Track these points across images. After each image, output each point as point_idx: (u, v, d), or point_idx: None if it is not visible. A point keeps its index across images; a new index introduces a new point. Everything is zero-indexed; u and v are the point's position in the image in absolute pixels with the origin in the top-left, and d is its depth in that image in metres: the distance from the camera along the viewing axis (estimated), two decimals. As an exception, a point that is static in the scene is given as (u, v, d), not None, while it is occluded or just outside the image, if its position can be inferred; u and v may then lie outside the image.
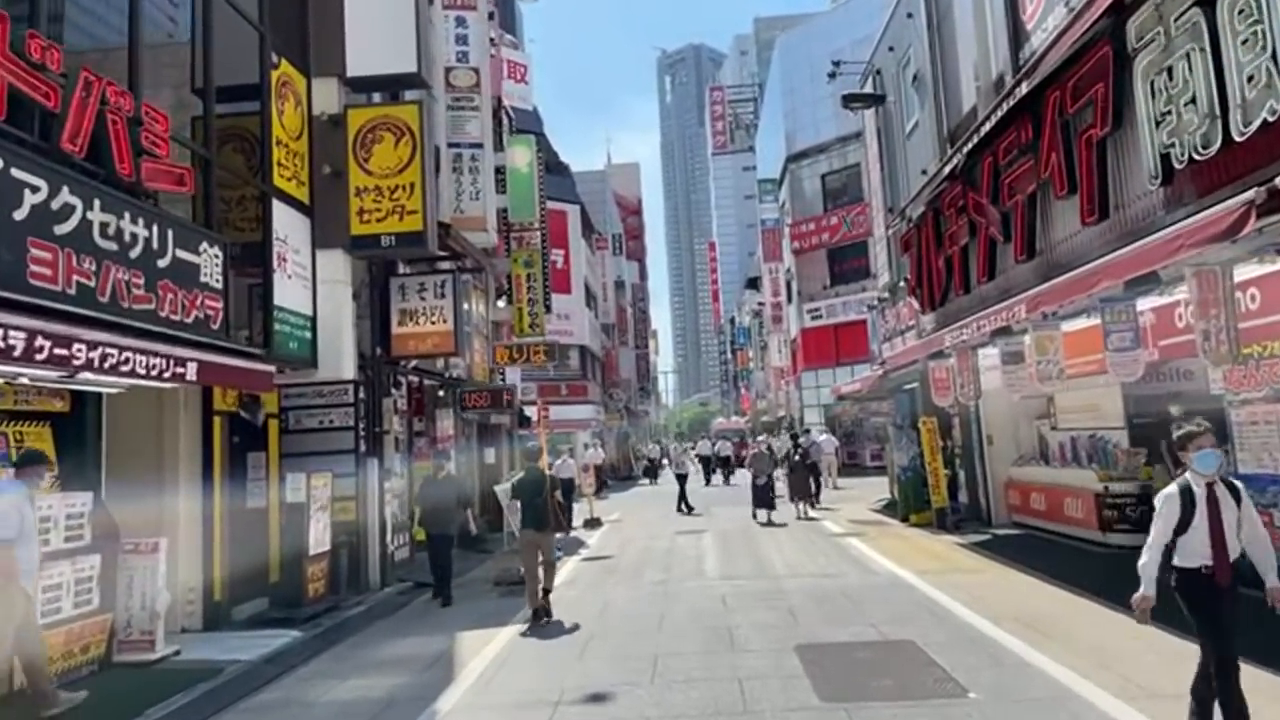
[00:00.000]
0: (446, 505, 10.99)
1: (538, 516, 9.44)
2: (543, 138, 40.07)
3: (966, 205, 11.79)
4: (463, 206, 15.07)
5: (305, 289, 10.52)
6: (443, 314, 12.02)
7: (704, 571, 11.54)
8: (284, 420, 11.38)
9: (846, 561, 11.72)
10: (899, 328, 17.81)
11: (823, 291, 35.25)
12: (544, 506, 9.46)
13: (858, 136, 34.66)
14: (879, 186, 19.43)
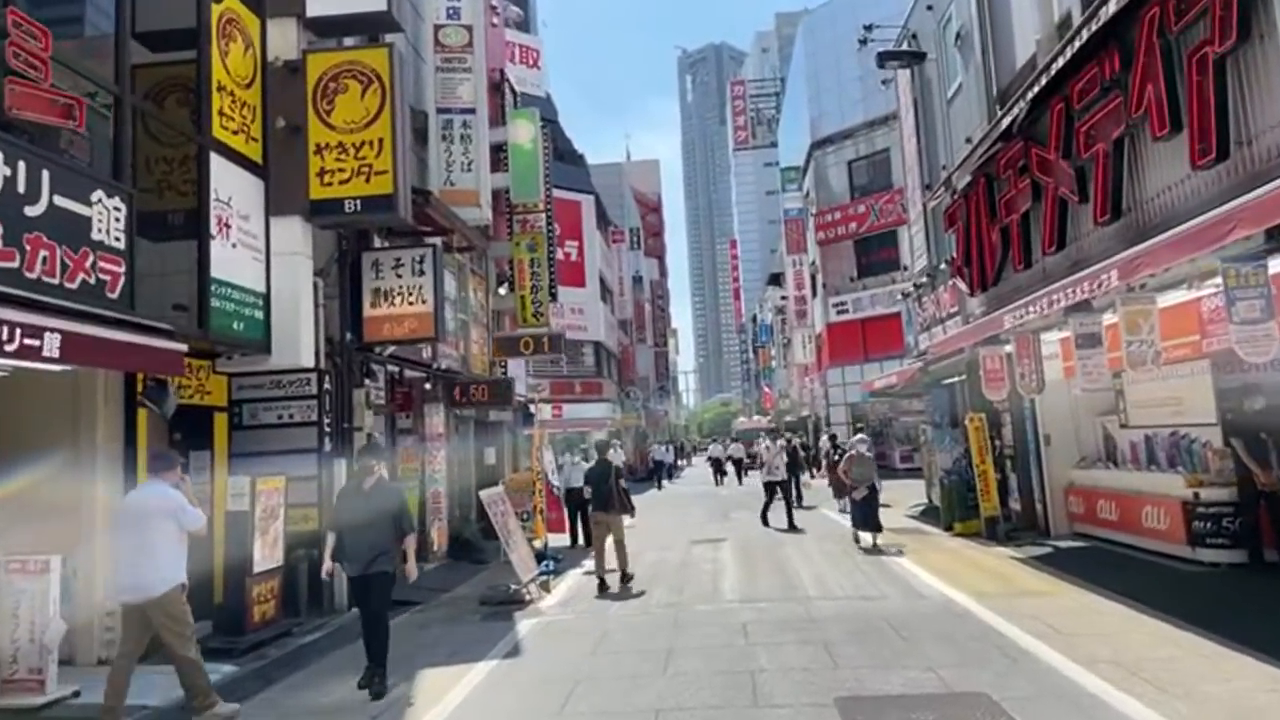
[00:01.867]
0: (376, 529, 6.69)
1: (605, 500, 10.86)
2: (556, 126, 38.65)
3: (1029, 165, 10.10)
4: (453, 178, 13.58)
5: (256, 261, 9.02)
6: (421, 294, 10.49)
7: (721, 591, 9.93)
8: (235, 414, 9.92)
9: (887, 580, 10.06)
10: (939, 315, 16.10)
11: (849, 284, 33.49)
12: (610, 492, 10.85)
13: (886, 121, 32.97)
14: (915, 162, 17.72)
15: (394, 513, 6.86)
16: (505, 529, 10.21)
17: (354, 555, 6.78)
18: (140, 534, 5.92)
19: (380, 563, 6.78)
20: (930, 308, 16.84)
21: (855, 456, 13.01)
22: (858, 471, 12.84)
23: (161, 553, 5.93)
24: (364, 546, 6.72)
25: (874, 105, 33.24)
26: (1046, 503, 12.79)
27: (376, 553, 6.74)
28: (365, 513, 6.79)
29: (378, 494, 6.95)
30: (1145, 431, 11.44)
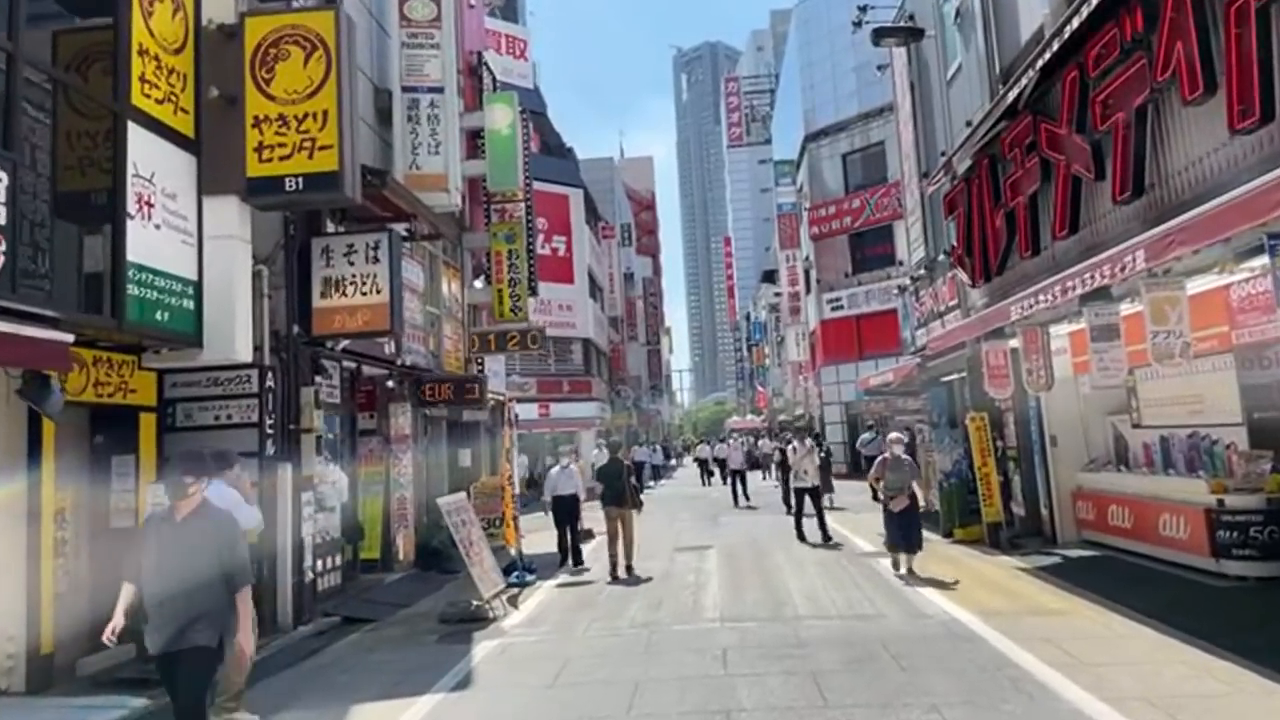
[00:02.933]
0: (194, 582, 4.54)
1: (618, 495, 11.63)
2: (545, 118, 37.74)
3: (1037, 141, 9.26)
4: (419, 162, 12.72)
5: (186, 246, 8.14)
6: (376, 283, 9.61)
7: (702, 608, 9.06)
8: (167, 415, 9.04)
9: (884, 594, 9.21)
10: (937, 309, 15.27)
11: (844, 280, 32.66)
12: (623, 488, 11.66)
13: (881, 113, 32.13)
14: (912, 149, 16.89)
15: (221, 558, 4.62)
16: (466, 540, 9.34)
17: (158, 620, 4.54)
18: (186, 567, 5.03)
19: (195, 632, 4.51)
20: (928, 302, 16.00)
21: (890, 460, 10.42)
22: (893, 478, 10.29)
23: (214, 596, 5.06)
24: (172, 608, 4.52)
25: (869, 97, 32.43)
26: (1053, 508, 11.96)
27: (191, 617, 4.51)
28: (177, 555, 4.57)
29: (197, 528, 4.66)
30: (1160, 432, 10.61)
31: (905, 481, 10.26)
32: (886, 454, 10.54)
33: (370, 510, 12.48)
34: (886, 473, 10.37)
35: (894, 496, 10.22)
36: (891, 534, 10.38)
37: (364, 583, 11.39)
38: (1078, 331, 10.46)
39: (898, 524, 10.24)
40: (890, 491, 10.28)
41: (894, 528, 10.30)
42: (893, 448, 10.55)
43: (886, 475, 10.35)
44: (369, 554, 12.33)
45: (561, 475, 12.65)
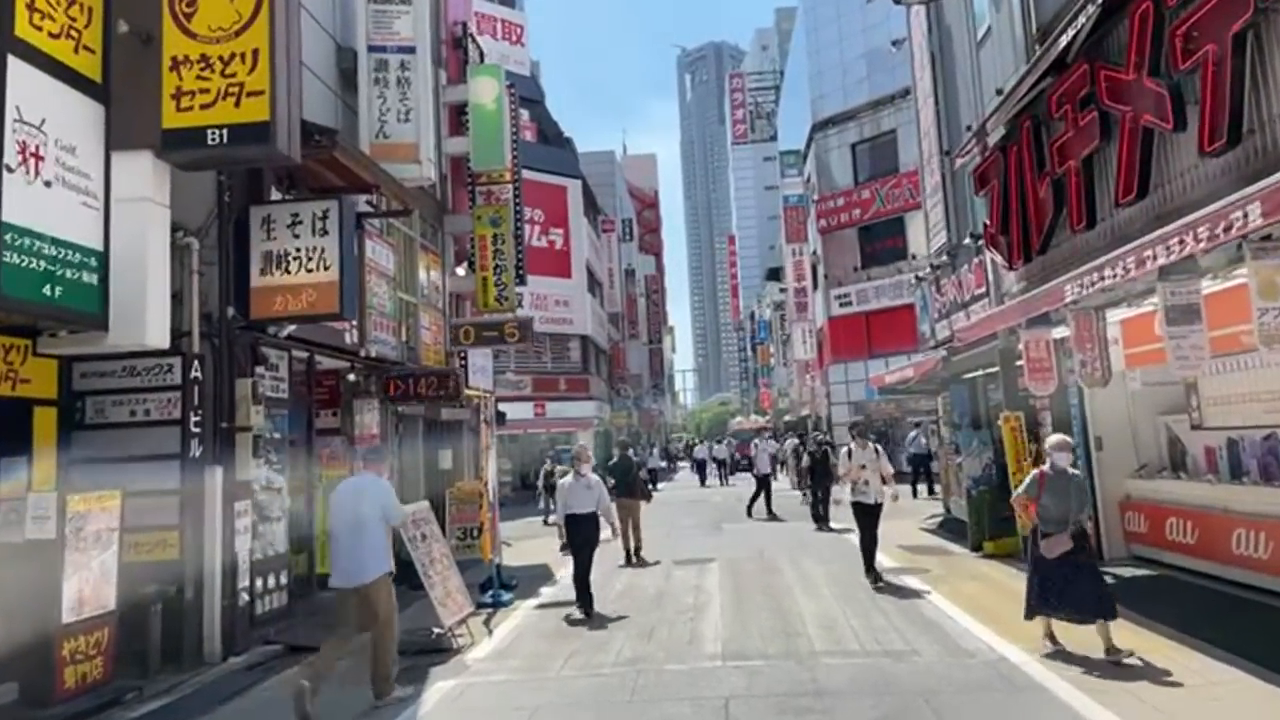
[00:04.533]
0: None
1: (630, 489, 12.93)
2: (543, 107, 36.48)
3: (1095, 93, 7.90)
4: (387, 130, 11.41)
5: (88, 209, 6.83)
6: (323, 258, 8.28)
7: (701, 638, 7.72)
8: (75, 409, 7.74)
9: (915, 624, 7.86)
10: (961, 299, 13.92)
11: (853, 275, 31.29)
12: (634, 481, 13.12)
13: (892, 100, 30.79)
14: (932, 125, 15.54)
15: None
16: (426, 557, 8.02)
17: None
18: (355, 523, 6.26)
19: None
20: (950, 291, 14.65)
21: (1048, 476, 6.77)
22: (1052, 505, 6.62)
23: (374, 541, 6.30)
24: None
25: (879, 84, 31.11)
26: (1098, 519, 10.58)
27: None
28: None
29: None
30: (1228, 434, 9.26)
31: (1068, 511, 6.59)
32: (1043, 469, 6.96)
33: (332, 519, 11.14)
34: (1045, 493, 6.73)
35: (1050, 534, 6.59)
36: (1048, 594, 6.59)
37: (319, 602, 10.04)
38: (1132, 318, 9.13)
39: (1064, 577, 6.52)
40: (1047, 523, 6.67)
41: (1056, 582, 6.53)
42: (1054, 457, 6.84)
43: (1045, 497, 6.71)
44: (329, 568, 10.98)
45: (576, 487, 9.38)
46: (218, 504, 7.87)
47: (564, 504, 9.39)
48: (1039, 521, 6.80)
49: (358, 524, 6.27)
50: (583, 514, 9.33)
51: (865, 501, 10.00)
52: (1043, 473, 6.94)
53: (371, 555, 6.27)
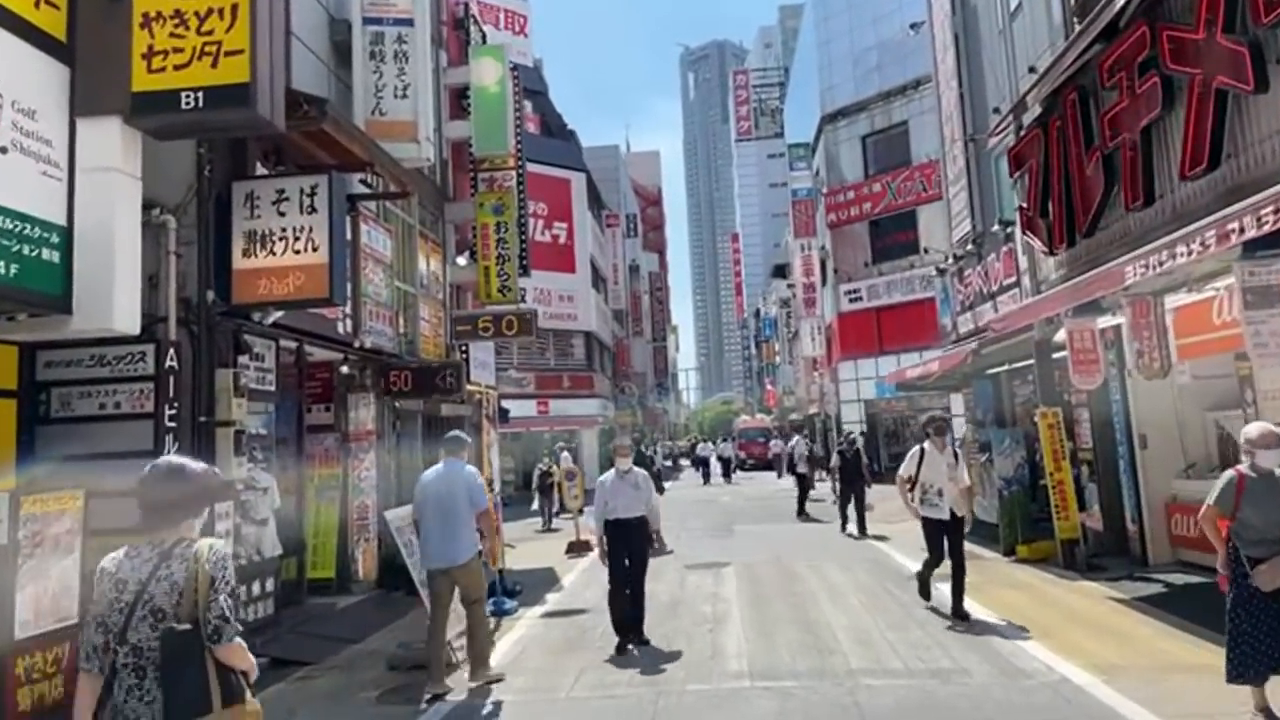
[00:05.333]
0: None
1: None
2: (545, 98, 35.79)
3: (1158, 56, 7.21)
4: (383, 107, 10.74)
5: (49, 179, 6.17)
6: (311, 238, 7.61)
7: (724, 654, 7.04)
8: (40, 402, 7.07)
9: (957, 638, 7.19)
10: (988, 290, 13.24)
11: (863, 270, 30.60)
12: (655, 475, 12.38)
13: (904, 91, 30.10)
14: (955, 109, 14.87)
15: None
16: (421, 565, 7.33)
17: None
18: (447, 507, 6.57)
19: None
20: (976, 282, 13.98)
21: (1247, 480, 4.88)
22: (1258, 514, 4.76)
23: (465, 524, 6.59)
24: None
25: (891, 75, 30.42)
26: (1142, 522, 9.92)
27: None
28: None
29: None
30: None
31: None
32: (1242, 468, 4.99)
33: (324, 520, 10.49)
34: (1242, 505, 4.80)
35: (1265, 559, 4.68)
36: (1258, 642, 4.74)
37: (310, 609, 9.40)
38: (1186, 306, 8.44)
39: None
40: (1255, 549, 4.74)
41: (1270, 625, 4.72)
42: (1257, 454, 4.90)
43: (1241, 511, 4.80)
44: (321, 573, 10.34)
45: (620, 486, 7.53)
46: (195, 505, 7.20)
47: (603, 506, 7.52)
48: (1238, 543, 4.84)
49: (447, 509, 6.57)
50: (629, 519, 7.41)
51: (939, 517, 7.91)
52: (1241, 475, 4.91)
53: (461, 539, 6.57)
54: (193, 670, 2.59)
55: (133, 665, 2.63)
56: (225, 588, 2.72)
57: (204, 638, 2.64)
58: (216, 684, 2.65)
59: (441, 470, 6.86)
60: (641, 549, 7.52)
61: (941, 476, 7.88)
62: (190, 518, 2.89)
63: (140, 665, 2.62)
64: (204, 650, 2.63)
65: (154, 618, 2.63)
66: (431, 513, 6.65)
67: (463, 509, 6.59)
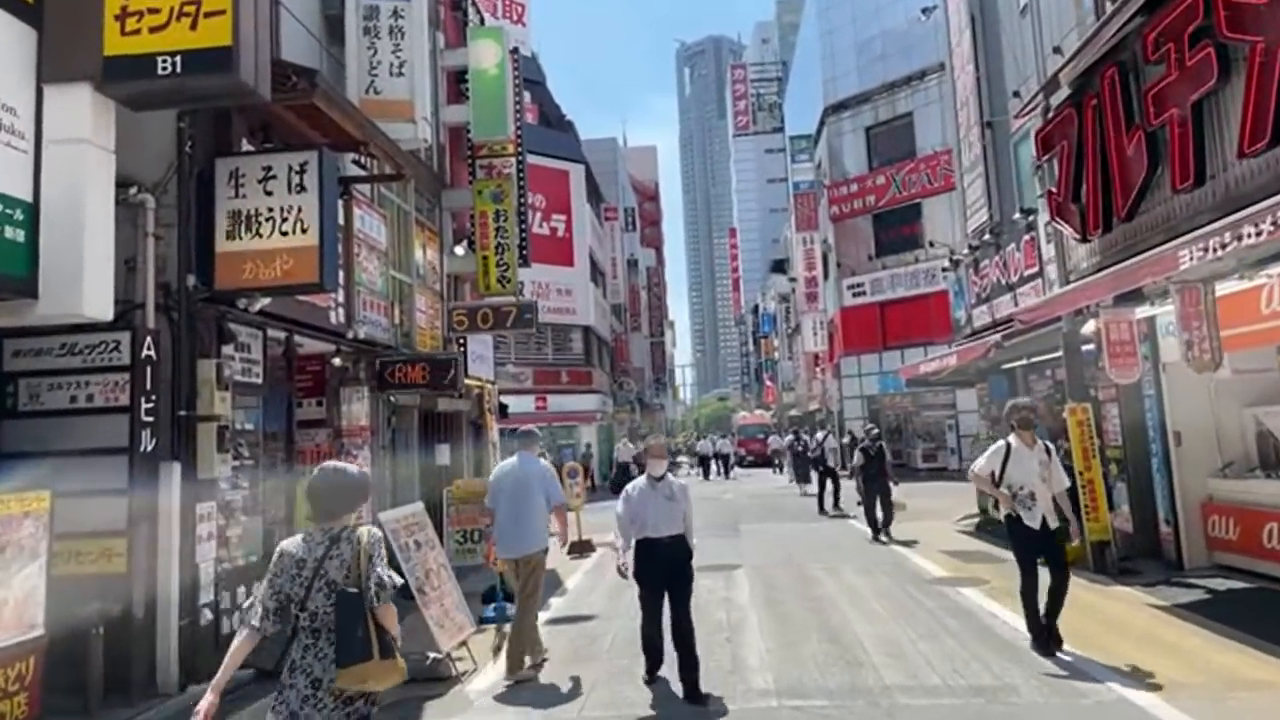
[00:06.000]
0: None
1: None
2: (544, 88, 35.21)
3: (1212, 25, 6.70)
4: (378, 85, 10.22)
5: (12, 150, 5.65)
6: (300, 219, 7.08)
7: (745, 666, 6.55)
8: (3, 394, 6.55)
9: (995, 649, 6.70)
10: (1007, 281, 12.76)
11: (866, 264, 30.14)
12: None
13: (909, 81, 29.63)
14: (971, 94, 14.37)
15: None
16: (421, 568, 6.83)
17: None
18: (521, 499, 6.72)
19: None
20: (992, 274, 13.49)
21: None
22: None
23: (538, 517, 6.74)
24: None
25: (895, 65, 29.98)
26: (1177, 524, 9.44)
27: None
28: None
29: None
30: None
31: None
32: None
33: (316, 520, 9.96)
34: None
35: None
36: None
37: (300, 615, 8.87)
38: (1230, 295, 7.94)
39: None
40: None
41: None
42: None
43: None
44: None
45: (652, 498, 6.10)
46: (175, 506, 6.68)
47: (631, 522, 6.09)
48: None
49: (520, 502, 6.75)
50: (663, 538, 6.02)
51: (1030, 525, 6.53)
52: None
53: (533, 531, 6.71)
54: (358, 625, 3.12)
55: (309, 628, 3.22)
56: (380, 562, 3.27)
57: (366, 601, 3.16)
58: (375, 639, 3.14)
59: (516, 463, 7.01)
60: (683, 575, 6.09)
61: (1032, 477, 6.53)
62: (349, 511, 3.43)
63: (316, 628, 3.20)
64: (367, 611, 3.15)
65: (328, 589, 3.19)
66: (505, 505, 6.81)
67: (535, 503, 6.74)
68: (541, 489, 6.80)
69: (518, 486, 6.80)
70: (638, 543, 6.06)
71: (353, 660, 3.08)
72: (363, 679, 3.11)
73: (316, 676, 3.16)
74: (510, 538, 6.76)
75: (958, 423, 26.63)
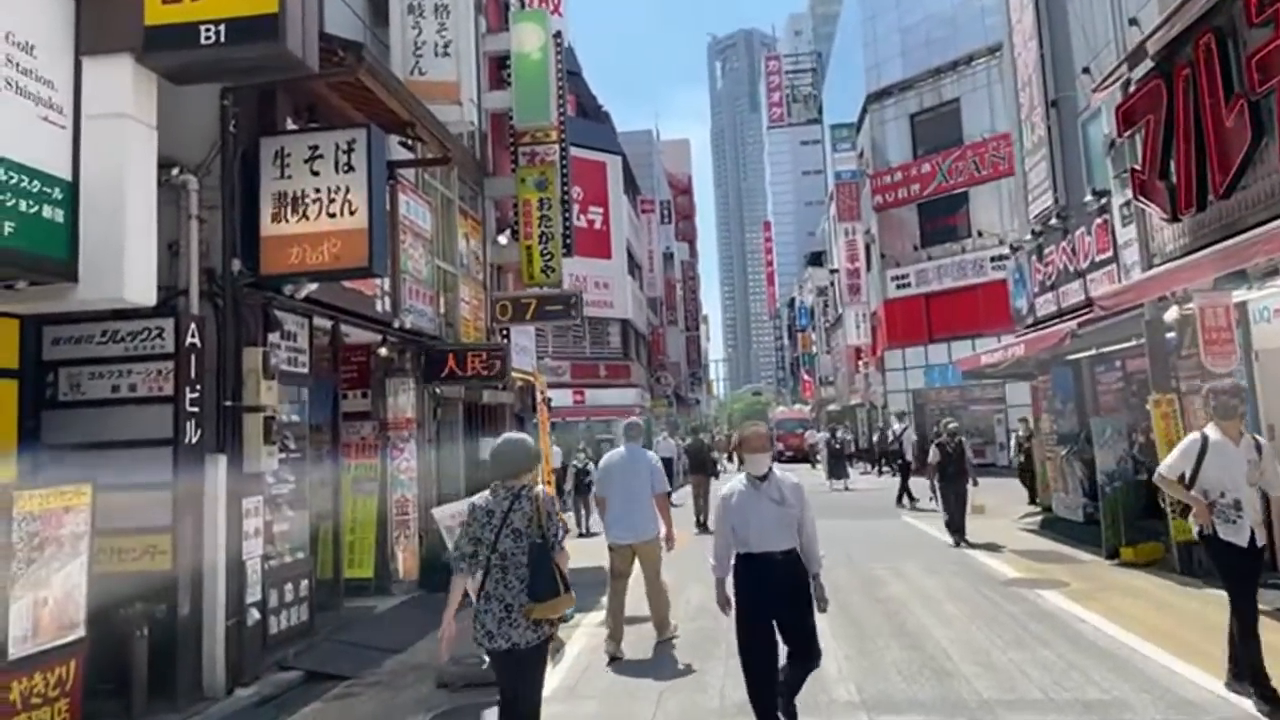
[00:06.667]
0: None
1: (701, 465, 16.12)
2: (580, 79, 34.84)
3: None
4: (423, 65, 9.89)
5: (50, 125, 5.37)
6: (349, 199, 6.74)
7: (823, 676, 6.00)
8: (47, 383, 6.28)
9: (1094, 657, 6.19)
10: (1076, 267, 12.14)
11: (911, 254, 29.41)
12: (706, 461, 15.98)
13: (955, 67, 28.85)
14: (1035, 72, 13.73)
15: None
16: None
17: None
18: (632, 488, 7.15)
19: None
20: (1059, 259, 12.87)
21: None
22: None
23: (648, 504, 7.15)
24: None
25: (941, 50, 29.18)
26: (1272, 528, 8.80)
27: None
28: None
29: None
30: None
31: None
32: None
33: (361, 515, 9.70)
34: None
35: None
36: None
37: (347, 614, 8.59)
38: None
39: None
40: None
41: None
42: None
43: None
44: (358, 571, 9.55)
45: (754, 501, 4.74)
46: (221, 501, 6.39)
47: (730, 533, 4.71)
48: None
49: (631, 490, 7.12)
50: (774, 554, 4.62)
51: (1234, 541, 5.14)
52: None
53: (645, 518, 7.10)
54: (547, 568, 3.89)
55: (499, 565, 3.93)
56: (556, 514, 4.07)
57: (549, 547, 3.95)
58: (559, 577, 3.92)
59: (624, 453, 7.39)
60: (801, 603, 4.60)
61: (1238, 479, 5.12)
62: (527, 472, 4.15)
63: (504, 565, 3.93)
64: (550, 555, 3.94)
65: (513, 535, 3.95)
66: (617, 493, 7.18)
67: (645, 490, 7.12)
68: (649, 478, 7.16)
69: (626, 475, 7.17)
70: (742, 558, 4.67)
71: (545, 596, 3.85)
72: (554, 610, 3.90)
73: (508, 603, 3.89)
74: (624, 525, 7.11)
75: (1006, 417, 25.88)
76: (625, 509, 7.13)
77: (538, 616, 3.86)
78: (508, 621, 3.87)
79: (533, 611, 3.84)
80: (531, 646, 3.92)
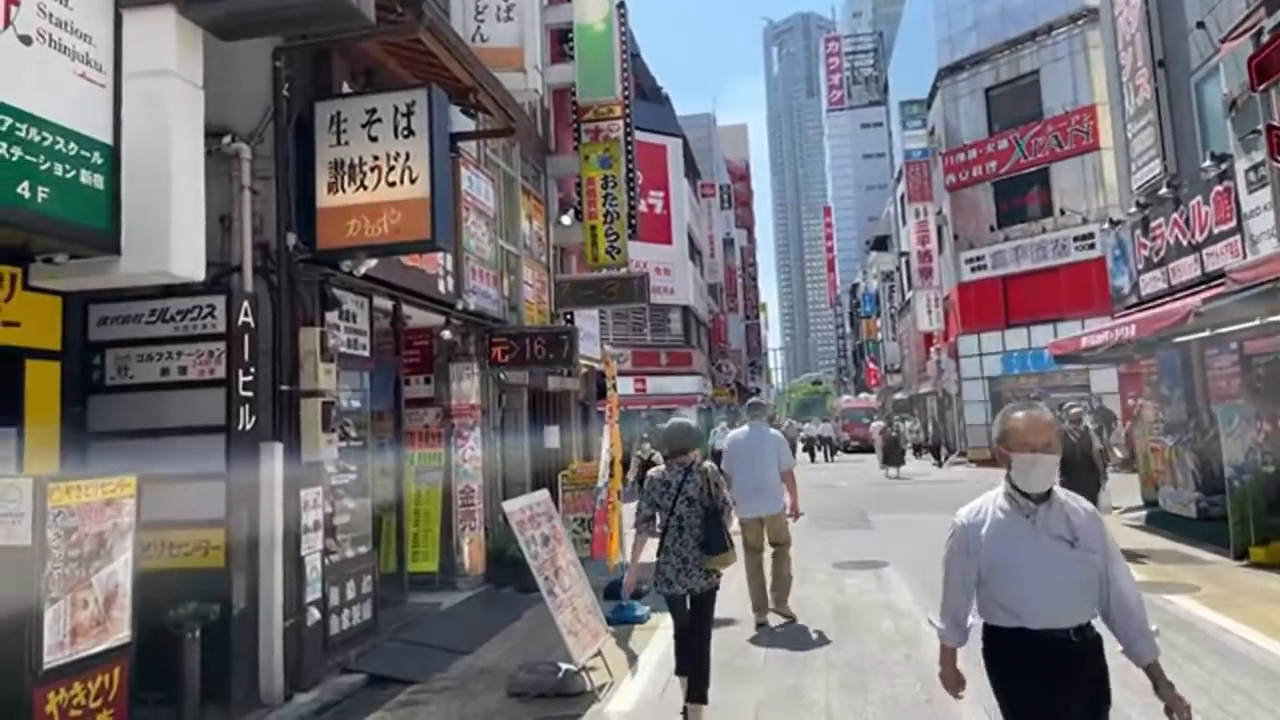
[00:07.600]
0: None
1: None
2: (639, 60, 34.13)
3: None
4: (484, 31, 9.40)
5: (88, 83, 4.92)
6: (408, 167, 6.22)
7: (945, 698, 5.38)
8: (93, 366, 5.88)
9: (1246, 673, 5.44)
10: (1190, 240, 11.10)
11: (987, 235, 28.07)
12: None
13: (1034, 37, 27.40)
14: (1138, 31, 12.65)
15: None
16: (549, 567, 5.91)
17: None
18: (757, 465, 7.47)
19: None
20: (1168, 233, 11.82)
21: None
22: None
23: (775, 480, 7.52)
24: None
25: (1019, 20, 27.72)
26: None
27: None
28: None
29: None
30: None
31: None
32: None
33: (425, 507, 9.25)
34: None
35: None
36: None
37: (410, 610, 8.13)
38: None
39: None
40: None
41: None
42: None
43: None
44: (422, 565, 9.09)
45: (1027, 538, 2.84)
46: (277, 492, 5.93)
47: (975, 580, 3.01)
48: None
49: (757, 466, 7.44)
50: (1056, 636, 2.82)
51: None
52: None
53: (771, 494, 7.47)
54: (719, 529, 4.77)
55: (676, 526, 4.83)
56: (722, 485, 4.98)
57: (719, 511, 4.83)
58: (727, 537, 4.81)
59: (749, 431, 7.71)
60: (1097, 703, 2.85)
61: None
62: (695, 448, 5.06)
63: (680, 526, 4.81)
64: (720, 518, 4.82)
65: (687, 502, 4.84)
66: (742, 469, 7.43)
67: (771, 466, 7.45)
68: (775, 455, 7.50)
69: (752, 453, 7.47)
70: (1006, 636, 2.91)
71: (719, 551, 4.73)
72: (724, 562, 4.80)
73: (684, 556, 4.75)
74: (752, 500, 7.34)
75: (1091, 405, 24.52)
76: (752, 486, 7.37)
77: (712, 567, 4.76)
78: (684, 572, 4.73)
79: (709, 563, 4.73)
80: (704, 592, 4.80)
